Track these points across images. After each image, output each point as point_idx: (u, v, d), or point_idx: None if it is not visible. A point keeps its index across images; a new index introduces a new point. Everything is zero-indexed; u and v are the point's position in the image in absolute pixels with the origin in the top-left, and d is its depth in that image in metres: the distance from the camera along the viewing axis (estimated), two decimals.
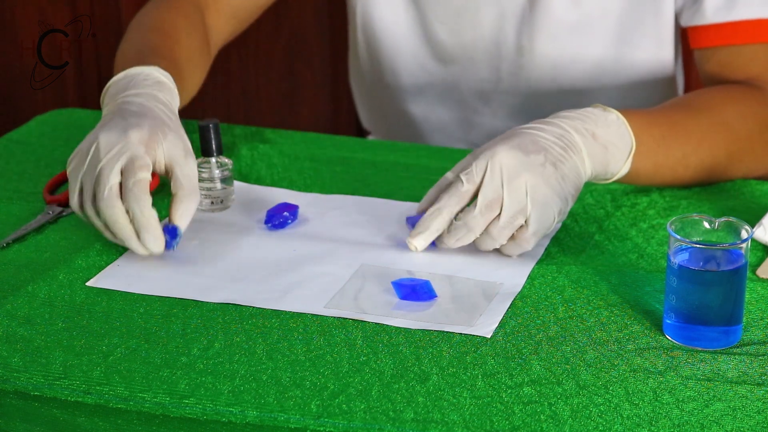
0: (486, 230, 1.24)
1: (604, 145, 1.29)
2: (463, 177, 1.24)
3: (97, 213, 1.25)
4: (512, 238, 1.25)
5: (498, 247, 1.26)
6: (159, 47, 1.43)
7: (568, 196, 1.25)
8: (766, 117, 1.44)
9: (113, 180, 1.23)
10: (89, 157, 1.25)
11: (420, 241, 1.27)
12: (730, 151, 1.40)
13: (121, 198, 1.23)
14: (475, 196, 1.25)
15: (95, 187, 1.24)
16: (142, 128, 1.26)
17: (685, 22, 1.54)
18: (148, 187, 1.24)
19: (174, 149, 1.27)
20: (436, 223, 1.26)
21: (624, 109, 1.33)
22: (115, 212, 1.23)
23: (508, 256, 1.27)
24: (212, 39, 1.58)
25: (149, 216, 1.23)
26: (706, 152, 1.39)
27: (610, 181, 1.33)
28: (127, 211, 1.23)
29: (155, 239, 1.24)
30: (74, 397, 1.09)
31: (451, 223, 1.26)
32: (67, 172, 1.28)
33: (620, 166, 1.31)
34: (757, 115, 1.43)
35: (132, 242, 1.25)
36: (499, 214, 1.23)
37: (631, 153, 1.31)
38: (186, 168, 1.27)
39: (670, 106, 1.41)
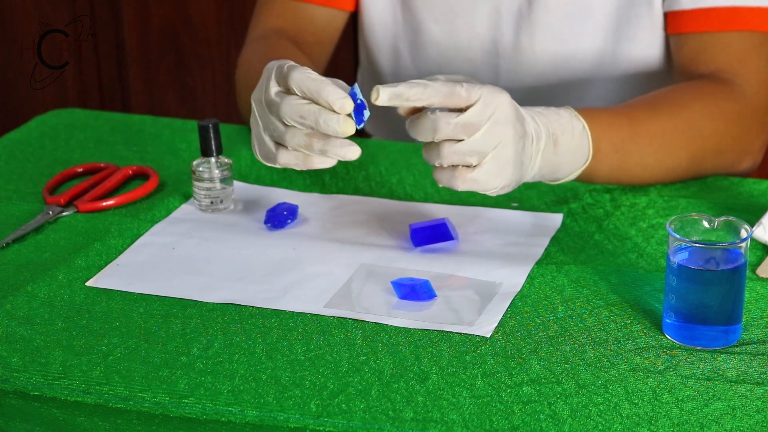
0: (439, 144, 1.19)
1: (561, 153, 1.28)
2: (465, 83, 1.19)
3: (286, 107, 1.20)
4: (453, 167, 1.20)
5: (435, 164, 1.20)
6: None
7: (514, 180, 1.23)
8: (732, 112, 1.44)
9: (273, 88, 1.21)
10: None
11: (385, 91, 1.17)
12: (692, 151, 1.41)
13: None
14: (459, 110, 1.19)
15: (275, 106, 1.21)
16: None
17: (664, 8, 1.55)
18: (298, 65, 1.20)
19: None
20: (414, 90, 1.17)
21: (591, 109, 1.34)
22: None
23: (436, 180, 1.21)
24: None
25: (315, 77, 1.18)
26: (667, 154, 1.39)
27: (558, 183, 1.33)
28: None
29: (335, 91, 1.16)
30: (74, 397, 1.09)
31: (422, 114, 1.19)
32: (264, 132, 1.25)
33: (569, 174, 1.32)
34: (723, 111, 1.43)
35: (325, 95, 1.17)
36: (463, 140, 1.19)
37: (584, 165, 1.32)
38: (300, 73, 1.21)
39: (636, 105, 1.41)
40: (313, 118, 1.17)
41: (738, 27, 1.48)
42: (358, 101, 1.17)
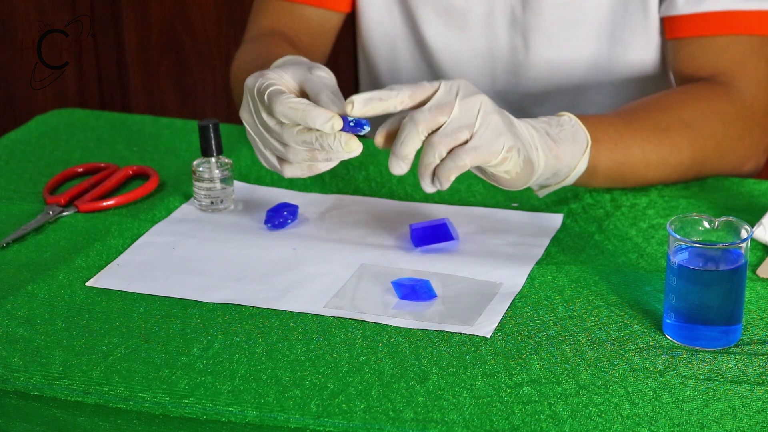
0: (428, 138, 1.19)
1: (558, 141, 1.27)
2: (425, 82, 1.21)
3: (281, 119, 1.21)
4: (450, 153, 1.19)
5: (437, 161, 1.19)
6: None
7: (517, 147, 1.21)
8: (728, 113, 1.44)
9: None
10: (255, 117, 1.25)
11: (359, 100, 1.18)
12: (693, 149, 1.40)
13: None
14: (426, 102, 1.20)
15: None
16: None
17: (660, 13, 1.55)
18: (283, 90, 1.21)
19: (297, 71, 1.25)
20: (383, 92, 1.19)
21: (577, 114, 1.33)
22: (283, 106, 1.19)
23: (440, 184, 1.20)
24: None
25: (297, 105, 1.19)
26: (668, 150, 1.39)
27: (570, 179, 1.31)
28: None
29: (322, 114, 1.18)
30: (74, 397, 1.09)
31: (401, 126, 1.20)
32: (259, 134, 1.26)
33: (576, 161, 1.30)
34: (718, 112, 1.43)
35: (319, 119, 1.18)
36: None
37: (587, 148, 1.31)
38: (310, 76, 1.23)
39: (629, 108, 1.41)
40: (318, 143, 1.20)
41: (736, 30, 1.48)
42: (351, 123, 1.19)
